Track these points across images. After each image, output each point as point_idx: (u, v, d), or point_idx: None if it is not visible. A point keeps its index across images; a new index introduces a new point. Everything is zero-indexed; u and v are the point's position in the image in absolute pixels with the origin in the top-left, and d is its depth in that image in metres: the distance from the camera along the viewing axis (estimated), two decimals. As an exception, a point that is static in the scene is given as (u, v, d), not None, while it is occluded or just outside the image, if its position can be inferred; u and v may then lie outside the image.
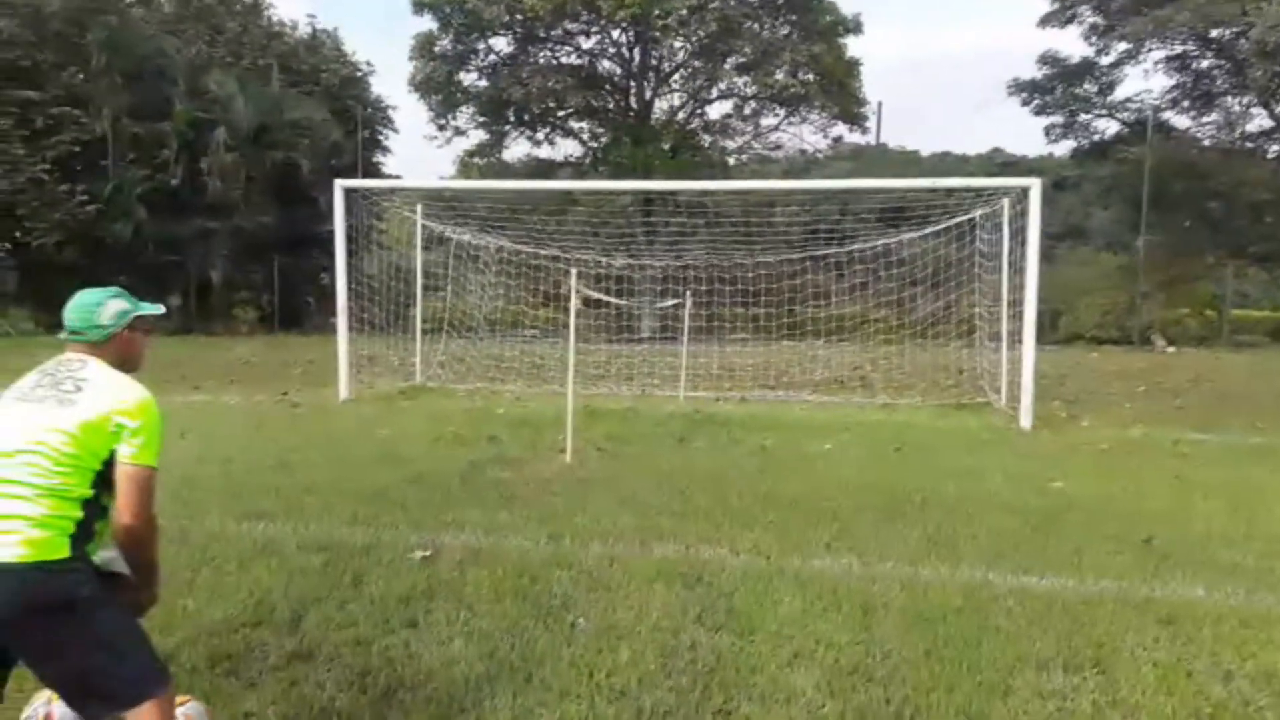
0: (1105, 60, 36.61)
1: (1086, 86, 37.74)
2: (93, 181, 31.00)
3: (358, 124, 36.24)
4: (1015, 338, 12.70)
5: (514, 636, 3.88)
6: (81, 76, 31.51)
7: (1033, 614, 4.24)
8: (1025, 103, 38.50)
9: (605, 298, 17.57)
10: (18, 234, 31.25)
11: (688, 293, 15.75)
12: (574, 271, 8.91)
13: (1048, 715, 3.28)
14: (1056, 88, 37.86)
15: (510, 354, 17.13)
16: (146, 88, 32.59)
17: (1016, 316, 12.46)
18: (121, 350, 2.69)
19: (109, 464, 2.44)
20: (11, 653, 2.40)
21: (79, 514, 2.36)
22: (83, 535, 2.36)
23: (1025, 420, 11.05)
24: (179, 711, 2.87)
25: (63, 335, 2.66)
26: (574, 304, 8.80)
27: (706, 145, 40.43)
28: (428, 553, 5.03)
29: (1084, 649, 3.84)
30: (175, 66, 32.60)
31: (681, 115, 40.14)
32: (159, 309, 2.84)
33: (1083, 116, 38.88)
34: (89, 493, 2.39)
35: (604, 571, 4.78)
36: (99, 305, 2.66)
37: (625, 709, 3.25)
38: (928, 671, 3.59)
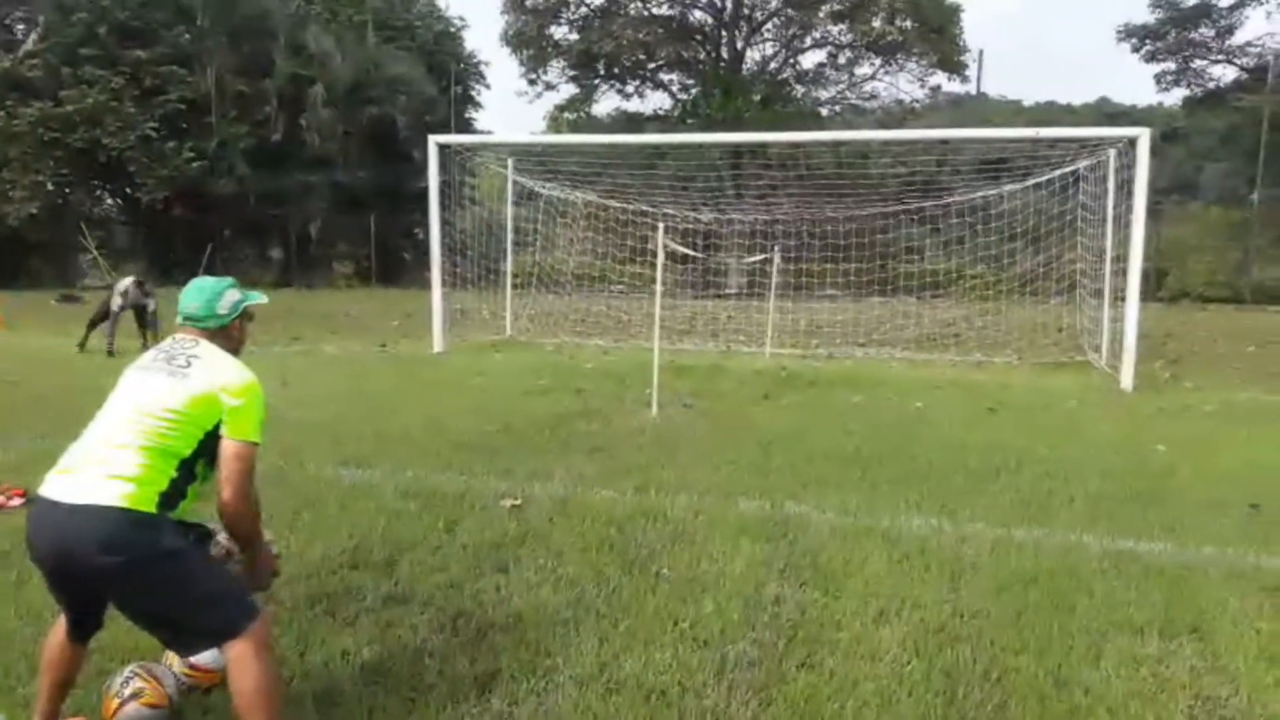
0: (1224, 2, 34.51)
1: (1202, 31, 35.68)
2: (198, 138, 32.10)
3: (451, 80, 36.53)
4: (1118, 295, 12.23)
5: (601, 585, 3.95)
6: (188, 36, 32.49)
7: (1129, 579, 4.12)
8: (1136, 49, 36.61)
9: (692, 253, 17.48)
10: (128, 189, 32.67)
11: (775, 247, 15.54)
12: (661, 227, 8.90)
13: (1141, 680, 3.20)
14: (1170, 32, 35.86)
15: (597, 309, 17.25)
16: (249, 46, 33.47)
17: (1120, 273, 11.99)
18: (233, 336, 2.90)
19: (212, 436, 2.60)
20: (105, 597, 2.54)
21: (174, 473, 2.52)
22: (173, 494, 2.51)
23: (1126, 381, 10.67)
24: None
25: (179, 320, 2.85)
26: (660, 259, 8.80)
27: (799, 96, 39.63)
28: (517, 501, 5.15)
29: (1182, 615, 3.73)
30: (276, 24, 33.36)
31: (773, 65, 39.42)
32: (264, 299, 3.03)
33: (1197, 63, 36.86)
34: (187, 453, 2.56)
35: (689, 525, 4.82)
36: (219, 295, 2.85)
37: (709, 658, 3.28)
38: (1017, 634, 3.53)
